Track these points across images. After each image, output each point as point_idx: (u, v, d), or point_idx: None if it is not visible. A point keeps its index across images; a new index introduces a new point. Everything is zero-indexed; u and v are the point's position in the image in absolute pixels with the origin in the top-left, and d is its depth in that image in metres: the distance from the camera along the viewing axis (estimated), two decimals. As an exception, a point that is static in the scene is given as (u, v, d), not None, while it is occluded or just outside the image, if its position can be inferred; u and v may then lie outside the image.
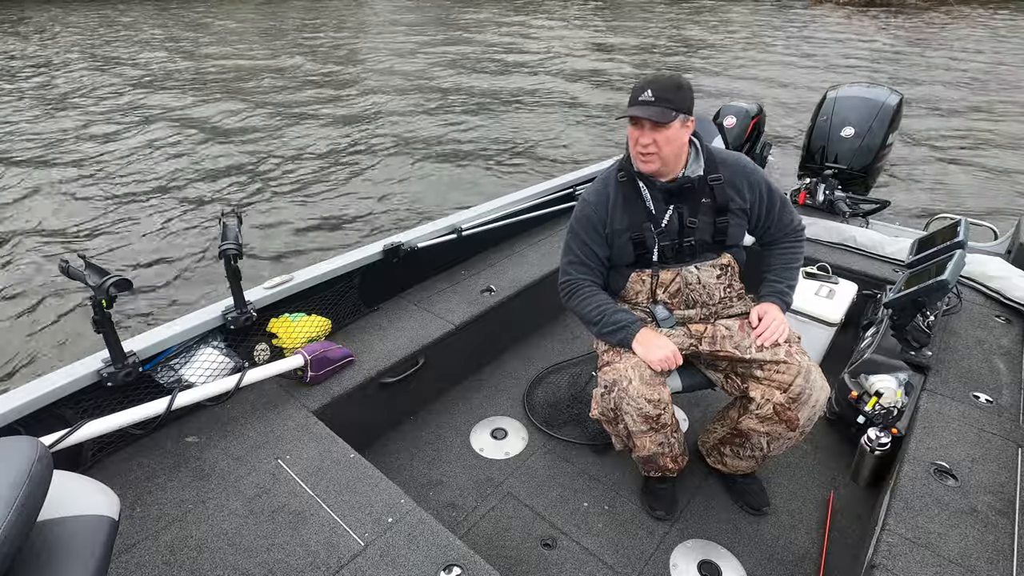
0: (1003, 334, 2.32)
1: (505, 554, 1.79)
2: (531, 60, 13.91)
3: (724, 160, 1.73)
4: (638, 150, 1.63)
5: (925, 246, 2.52)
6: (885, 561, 1.41)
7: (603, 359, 1.77)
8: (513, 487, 2.03)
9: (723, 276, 1.76)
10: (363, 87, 11.37)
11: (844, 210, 3.16)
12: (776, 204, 1.77)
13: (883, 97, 3.22)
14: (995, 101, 10.02)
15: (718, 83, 11.28)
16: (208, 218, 5.84)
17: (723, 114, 3.28)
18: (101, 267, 1.60)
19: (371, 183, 6.82)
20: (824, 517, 1.92)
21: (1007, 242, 2.95)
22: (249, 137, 8.42)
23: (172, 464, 1.68)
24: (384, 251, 2.44)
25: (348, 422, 1.98)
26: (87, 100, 10.55)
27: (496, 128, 8.91)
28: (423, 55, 14.67)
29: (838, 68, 12.54)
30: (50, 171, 7.13)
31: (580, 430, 2.27)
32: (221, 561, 1.40)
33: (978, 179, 6.90)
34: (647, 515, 1.92)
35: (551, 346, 2.81)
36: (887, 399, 1.97)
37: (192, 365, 1.89)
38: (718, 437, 1.91)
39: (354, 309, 2.38)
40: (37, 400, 1.58)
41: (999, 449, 1.74)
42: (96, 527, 1.07)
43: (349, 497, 1.56)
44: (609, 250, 1.77)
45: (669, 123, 1.56)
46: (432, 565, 1.38)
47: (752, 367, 1.68)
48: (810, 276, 2.60)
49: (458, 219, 2.76)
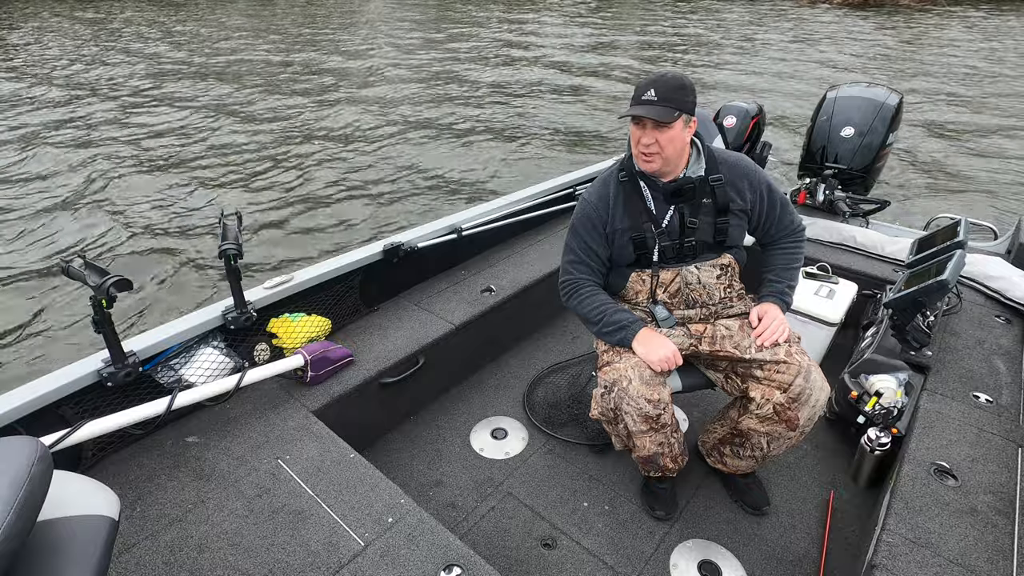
0: (1003, 334, 2.32)
1: (505, 554, 1.79)
2: (528, 56, 13.93)
3: (725, 160, 1.73)
4: (640, 149, 1.63)
5: (925, 246, 2.52)
6: (885, 561, 1.41)
7: (603, 359, 1.77)
8: (513, 487, 2.03)
9: (723, 276, 1.76)
10: (363, 86, 11.38)
11: (844, 210, 3.15)
12: (776, 205, 1.77)
13: (883, 97, 3.21)
14: (996, 101, 10.02)
15: (713, 80, 11.29)
16: (208, 218, 5.84)
17: (723, 114, 3.28)
18: (101, 267, 1.60)
19: (372, 182, 6.83)
20: (824, 517, 1.92)
21: (1007, 242, 2.95)
22: (249, 136, 8.42)
23: (172, 464, 1.68)
24: (384, 251, 2.44)
25: (348, 422, 1.98)
26: (84, 100, 10.55)
27: (501, 120, 8.92)
28: (423, 52, 14.67)
29: (832, 67, 12.55)
30: (50, 170, 7.13)
31: (580, 430, 2.27)
32: (221, 561, 1.40)
33: (978, 179, 6.90)
34: (647, 515, 1.92)
35: (551, 346, 2.81)
36: (887, 399, 1.97)
37: (192, 365, 1.89)
38: (718, 437, 1.91)
39: (354, 309, 2.38)
40: (37, 400, 1.58)
41: (999, 449, 1.74)
42: (96, 527, 1.07)
43: (349, 497, 1.56)
44: (610, 250, 1.77)
45: (671, 123, 1.56)
46: (432, 565, 1.38)
47: (752, 367, 1.68)
48: (810, 276, 2.60)
49: (458, 219, 2.76)
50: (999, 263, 2.68)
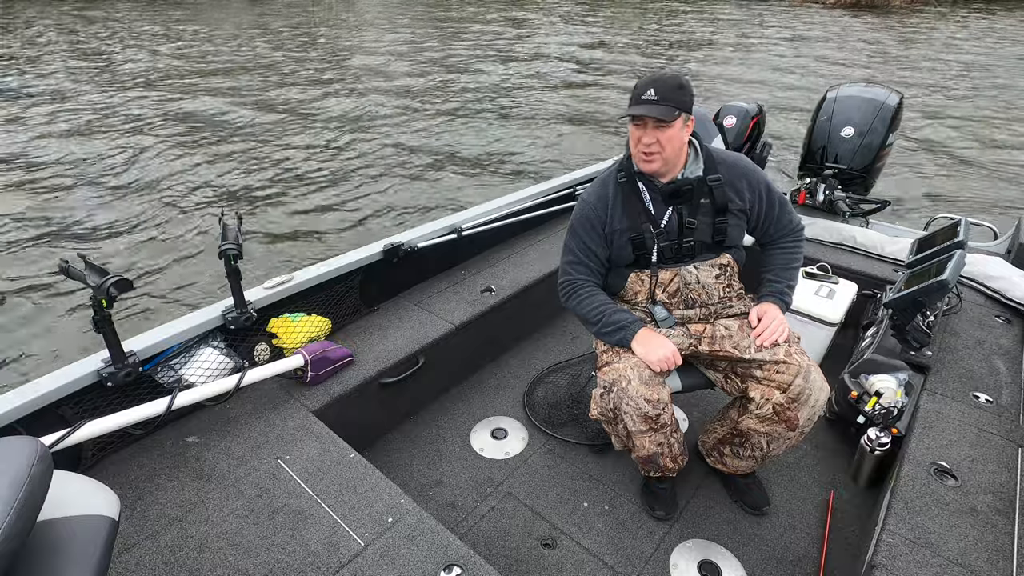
0: (1003, 334, 2.32)
1: (505, 554, 1.79)
2: (523, 55, 13.93)
3: (723, 160, 1.73)
4: (640, 149, 1.63)
5: (925, 246, 2.53)
6: (885, 561, 1.41)
7: (602, 359, 1.77)
8: (513, 487, 2.03)
9: (722, 276, 1.76)
10: (363, 85, 11.37)
11: (844, 210, 3.16)
12: (775, 205, 1.77)
13: (883, 97, 3.22)
14: (995, 100, 10.01)
15: (706, 81, 11.29)
16: (208, 218, 5.84)
17: (723, 114, 3.28)
18: (101, 267, 1.60)
19: (372, 183, 6.83)
20: (824, 517, 1.92)
21: (1007, 242, 2.95)
22: (249, 136, 8.42)
23: (172, 464, 1.68)
24: (384, 251, 2.45)
25: (348, 422, 1.98)
26: (82, 98, 10.54)
27: (492, 129, 8.92)
28: (416, 54, 14.67)
29: (824, 67, 12.55)
30: (50, 170, 7.13)
31: (580, 430, 2.27)
32: (221, 561, 1.40)
33: (978, 179, 6.90)
34: (647, 515, 1.92)
35: (551, 346, 2.81)
36: (887, 399, 1.97)
37: (192, 365, 1.89)
38: (718, 437, 1.91)
39: (354, 309, 2.38)
40: (38, 400, 1.58)
41: (999, 449, 1.75)
42: (96, 527, 1.07)
43: (349, 497, 1.57)
44: (608, 250, 1.77)
45: (672, 122, 1.56)
46: (432, 565, 1.38)
47: (752, 367, 1.68)
48: (810, 276, 2.60)
49: (458, 219, 2.76)
50: (999, 263, 2.68)
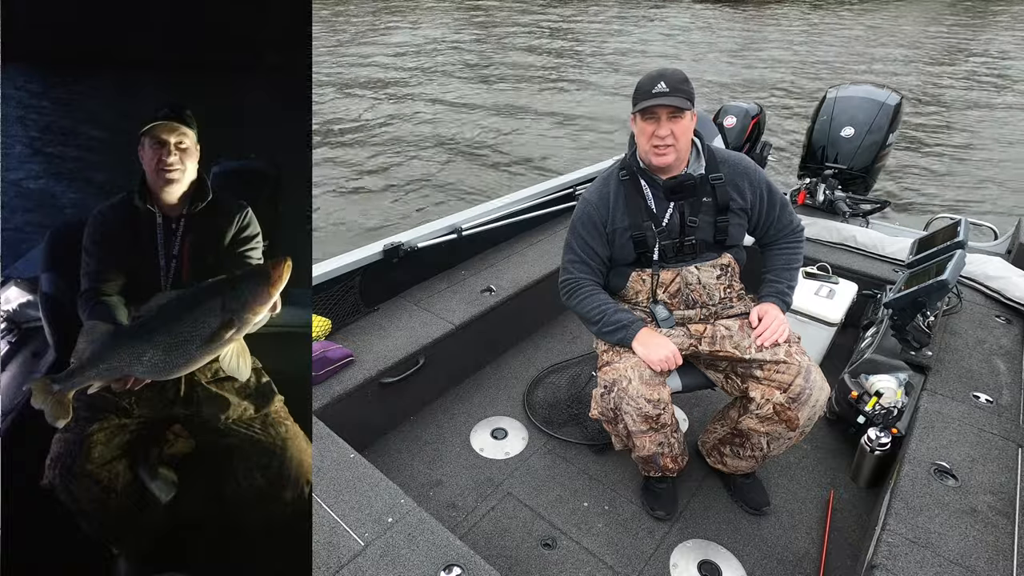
0: (1003, 334, 2.32)
1: (505, 554, 1.79)
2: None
3: (725, 160, 1.73)
4: (654, 143, 1.62)
5: (925, 246, 2.52)
6: (885, 561, 1.41)
7: (603, 359, 1.77)
8: (513, 487, 2.03)
9: (723, 276, 1.76)
10: (362, 85, 11.37)
11: (844, 210, 3.15)
12: (776, 205, 1.77)
13: (883, 97, 3.22)
14: (993, 101, 10.02)
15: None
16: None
17: (723, 114, 3.28)
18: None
19: (372, 182, 6.82)
20: (824, 517, 1.92)
21: (1007, 242, 2.95)
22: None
23: None
24: (384, 251, 2.45)
25: (348, 422, 1.98)
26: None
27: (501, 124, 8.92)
28: (430, 54, 14.67)
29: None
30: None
31: (580, 430, 2.26)
32: None
33: (978, 178, 6.90)
34: (647, 515, 1.92)
35: (551, 346, 2.81)
36: (887, 399, 1.97)
37: (192, 365, 1.88)
38: (718, 437, 1.91)
39: (354, 309, 2.38)
40: None
41: (999, 449, 1.75)
42: None
43: (349, 497, 1.56)
44: (610, 249, 1.77)
45: (686, 112, 1.58)
46: (432, 565, 1.38)
47: (752, 367, 1.67)
48: (810, 276, 2.60)
49: (458, 219, 2.76)
50: (999, 263, 2.68)
